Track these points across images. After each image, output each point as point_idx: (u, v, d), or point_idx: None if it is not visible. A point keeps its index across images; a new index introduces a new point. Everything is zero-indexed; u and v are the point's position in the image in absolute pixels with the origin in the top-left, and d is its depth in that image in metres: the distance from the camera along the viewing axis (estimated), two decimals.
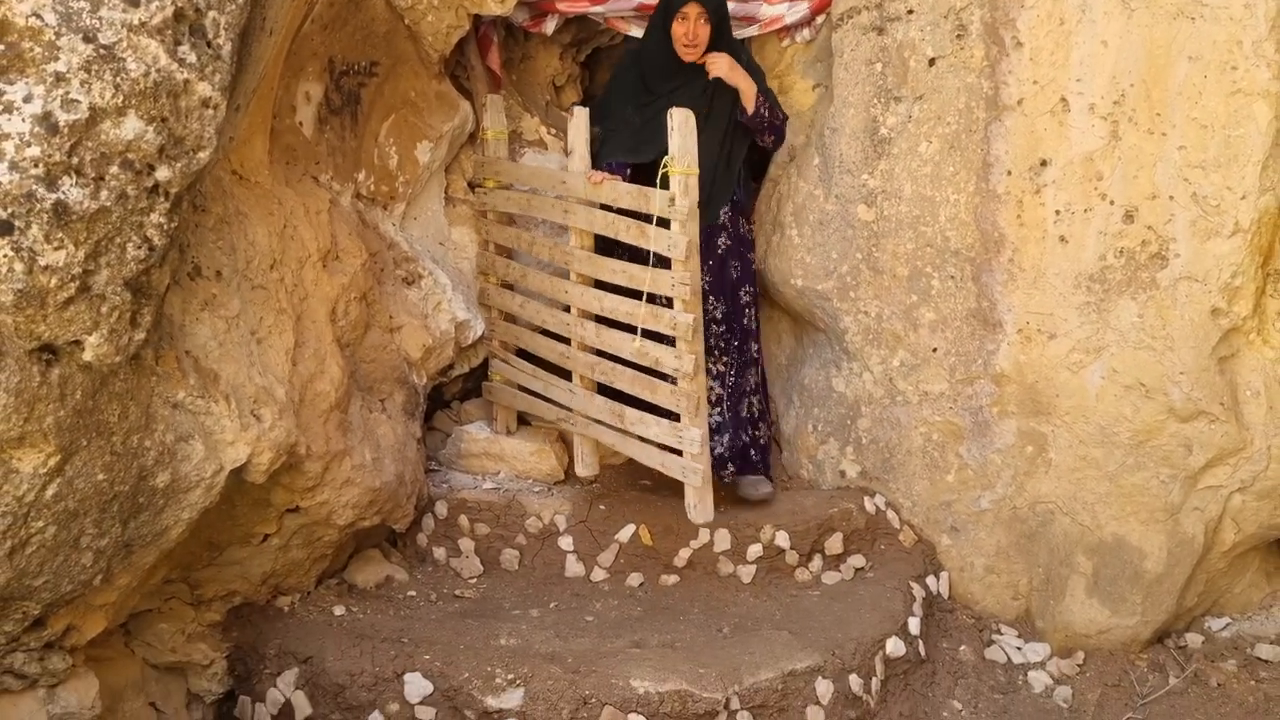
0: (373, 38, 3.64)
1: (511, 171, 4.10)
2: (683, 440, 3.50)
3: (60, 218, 2.00)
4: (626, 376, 3.66)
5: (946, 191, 3.92)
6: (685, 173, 3.36)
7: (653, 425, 3.58)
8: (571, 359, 3.87)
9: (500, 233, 4.15)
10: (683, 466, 3.53)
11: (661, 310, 3.52)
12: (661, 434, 3.56)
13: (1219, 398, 3.64)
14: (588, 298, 3.77)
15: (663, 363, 3.51)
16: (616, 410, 3.70)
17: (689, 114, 3.42)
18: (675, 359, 3.46)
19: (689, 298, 3.42)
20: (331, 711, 3.19)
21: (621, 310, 3.64)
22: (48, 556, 2.33)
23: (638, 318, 3.55)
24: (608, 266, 3.70)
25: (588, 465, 3.96)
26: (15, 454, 2.16)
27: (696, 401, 3.45)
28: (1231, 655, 3.79)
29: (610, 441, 3.80)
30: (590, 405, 3.82)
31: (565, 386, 3.91)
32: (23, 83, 1.96)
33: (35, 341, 2.09)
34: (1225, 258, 3.55)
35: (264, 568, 3.34)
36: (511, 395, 4.15)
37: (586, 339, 3.80)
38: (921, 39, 3.92)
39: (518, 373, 4.13)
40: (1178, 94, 3.55)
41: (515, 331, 4.16)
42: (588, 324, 3.79)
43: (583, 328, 3.80)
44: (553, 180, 3.90)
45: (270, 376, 2.89)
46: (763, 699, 3.20)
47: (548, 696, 3.10)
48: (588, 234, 3.77)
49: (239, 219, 2.87)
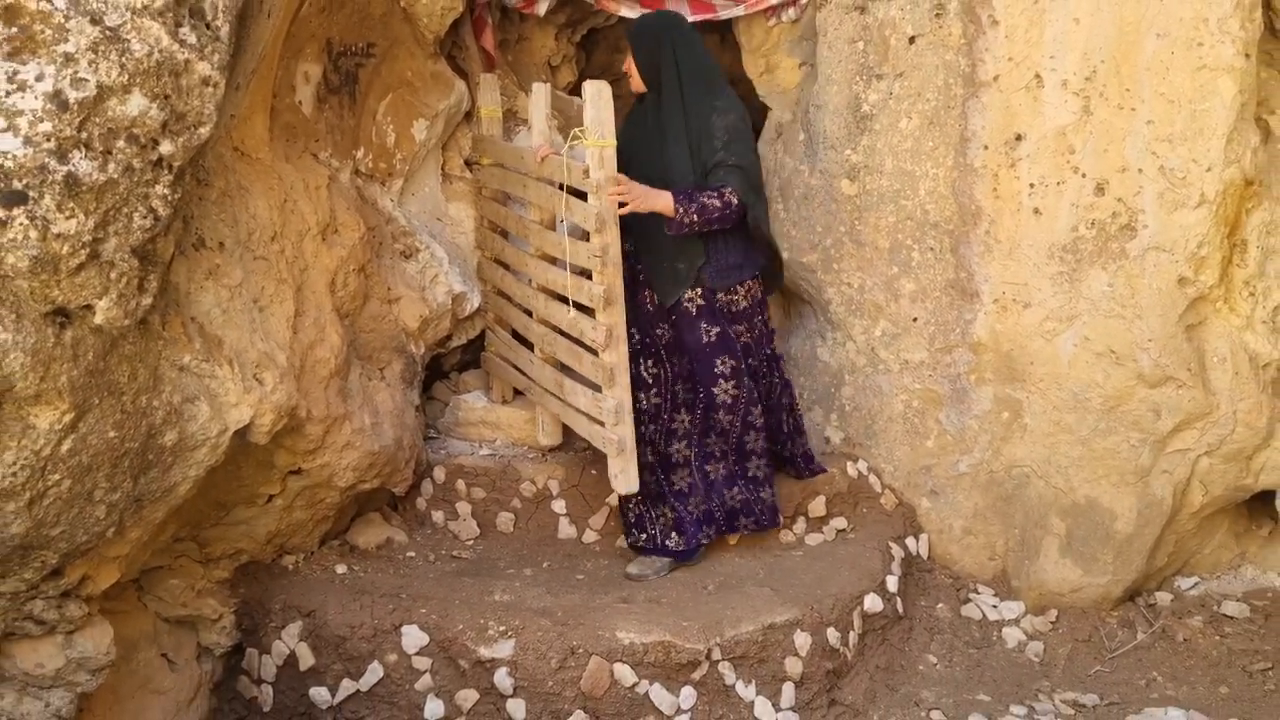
0: (369, 20, 3.78)
1: (494, 149, 4.23)
2: (603, 411, 3.56)
3: (71, 189, 2.15)
4: (563, 347, 3.77)
5: (926, 166, 4.04)
6: (600, 145, 3.37)
7: (582, 396, 3.68)
8: (530, 331, 4.00)
9: (492, 209, 4.29)
10: (604, 437, 3.58)
11: (582, 281, 3.58)
12: (588, 405, 3.65)
13: (1186, 364, 3.77)
14: (538, 270, 3.86)
15: (585, 334, 3.59)
16: (559, 380, 3.82)
17: (603, 85, 3.40)
18: (592, 330, 3.53)
19: (603, 269, 3.44)
20: (333, 662, 3.36)
21: (555, 282, 3.72)
22: (64, 508, 2.48)
23: (562, 287, 3.64)
24: (550, 239, 3.78)
25: (548, 434, 4.10)
26: (33, 411, 2.32)
27: (612, 371, 3.50)
28: (1199, 612, 3.94)
29: (556, 411, 3.92)
30: (543, 375, 3.94)
31: (528, 357, 4.04)
32: (35, 63, 2.11)
33: (50, 305, 2.25)
34: (1192, 228, 3.68)
35: (269, 527, 3.50)
36: (502, 367, 4.30)
37: (538, 311, 3.91)
38: (902, 18, 4.04)
39: (502, 345, 4.27)
40: (1146, 70, 3.67)
41: (500, 304, 4.29)
42: (540, 296, 3.89)
43: (537, 300, 3.91)
44: (518, 155, 3.99)
45: (272, 343, 3.04)
46: (743, 650, 3.36)
47: (537, 647, 3.27)
48: (545, 209, 3.83)
49: (241, 193, 3.02)
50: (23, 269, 2.15)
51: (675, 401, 3.81)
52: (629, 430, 3.55)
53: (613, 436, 3.54)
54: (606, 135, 3.39)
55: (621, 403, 3.53)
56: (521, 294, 4.06)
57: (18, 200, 2.10)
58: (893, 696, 3.56)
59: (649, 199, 3.48)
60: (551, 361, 3.93)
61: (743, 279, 3.77)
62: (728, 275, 3.73)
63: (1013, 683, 3.65)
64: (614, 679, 3.26)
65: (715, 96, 3.67)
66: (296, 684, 3.39)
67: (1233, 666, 3.68)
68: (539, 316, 3.93)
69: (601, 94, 3.37)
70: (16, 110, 2.09)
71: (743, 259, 3.76)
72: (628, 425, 3.55)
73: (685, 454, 3.78)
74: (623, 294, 3.52)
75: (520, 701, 3.24)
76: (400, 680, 3.31)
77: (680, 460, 3.78)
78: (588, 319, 3.57)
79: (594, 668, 3.26)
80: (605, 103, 3.36)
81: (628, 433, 3.55)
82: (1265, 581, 4.08)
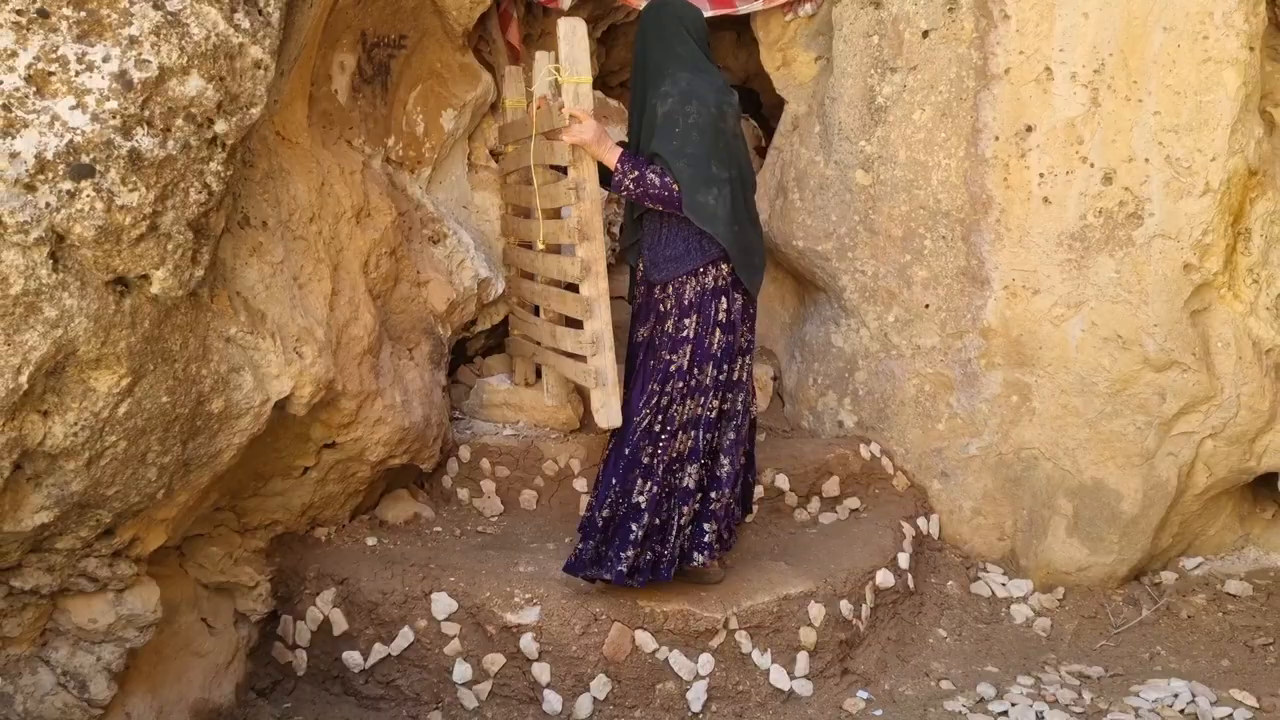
0: (402, 13, 3.92)
1: (515, 129, 4.34)
2: (582, 345, 3.51)
3: (134, 163, 2.30)
4: (554, 296, 3.81)
5: (938, 156, 4.17)
6: (576, 81, 3.32)
7: (568, 338, 3.68)
8: (534, 293, 4.09)
9: (513, 191, 4.41)
10: (583, 370, 3.52)
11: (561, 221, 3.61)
12: (572, 344, 3.64)
13: (1191, 349, 3.88)
14: (529, 229, 3.90)
15: (566, 271, 3.61)
16: (550, 329, 3.87)
17: (578, 22, 3.35)
18: (570, 265, 3.53)
19: (579, 202, 3.41)
20: (366, 627, 3.50)
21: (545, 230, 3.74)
22: (119, 469, 2.63)
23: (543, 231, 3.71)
24: (540, 192, 3.77)
25: (552, 395, 4.20)
26: (93, 374, 2.46)
27: (590, 304, 3.45)
28: (1202, 591, 4.05)
29: (552, 363, 3.98)
30: (539, 331, 4.01)
31: (534, 322, 4.12)
32: (102, 45, 2.26)
33: (111, 274, 2.39)
34: (1196, 216, 3.79)
35: (303, 499, 3.65)
36: (527, 347, 4.43)
37: (537, 270, 3.98)
38: (915, 12, 4.16)
39: (522, 323, 4.39)
40: (1153, 62, 3.79)
41: (520, 284, 4.42)
42: (541, 257, 3.91)
43: (539, 260, 3.95)
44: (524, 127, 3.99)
45: (310, 318, 3.18)
46: (759, 620, 3.49)
47: (561, 614, 3.40)
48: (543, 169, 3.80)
49: (282, 175, 3.16)
50: (89, 238, 2.30)
51: None
52: (608, 361, 3.44)
53: (590, 369, 3.45)
54: (581, 72, 3.33)
55: (599, 333, 3.43)
56: (530, 262, 4.16)
57: (86, 173, 2.24)
58: (904, 667, 3.68)
59: (599, 144, 3.32)
60: (554, 319, 3.99)
61: (677, 273, 3.40)
62: (662, 268, 3.42)
63: (1020, 655, 3.76)
64: (635, 645, 3.39)
65: (662, 82, 3.37)
66: (330, 648, 3.53)
67: (1234, 641, 3.79)
68: (541, 277, 4.01)
69: (575, 30, 3.31)
70: (85, 89, 2.23)
71: (682, 252, 3.40)
72: (606, 356, 3.43)
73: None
74: (601, 229, 3.46)
75: (545, 665, 3.37)
76: (430, 645, 3.44)
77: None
78: (565, 259, 3.58)
79: (616, 634, 3.39)
80: (580, 39, 3.30)
81: (606, 364, 3.44)
82: (1268, 562, 4.19)
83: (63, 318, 2.29)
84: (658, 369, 3.42)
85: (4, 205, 2.17)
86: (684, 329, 3.40)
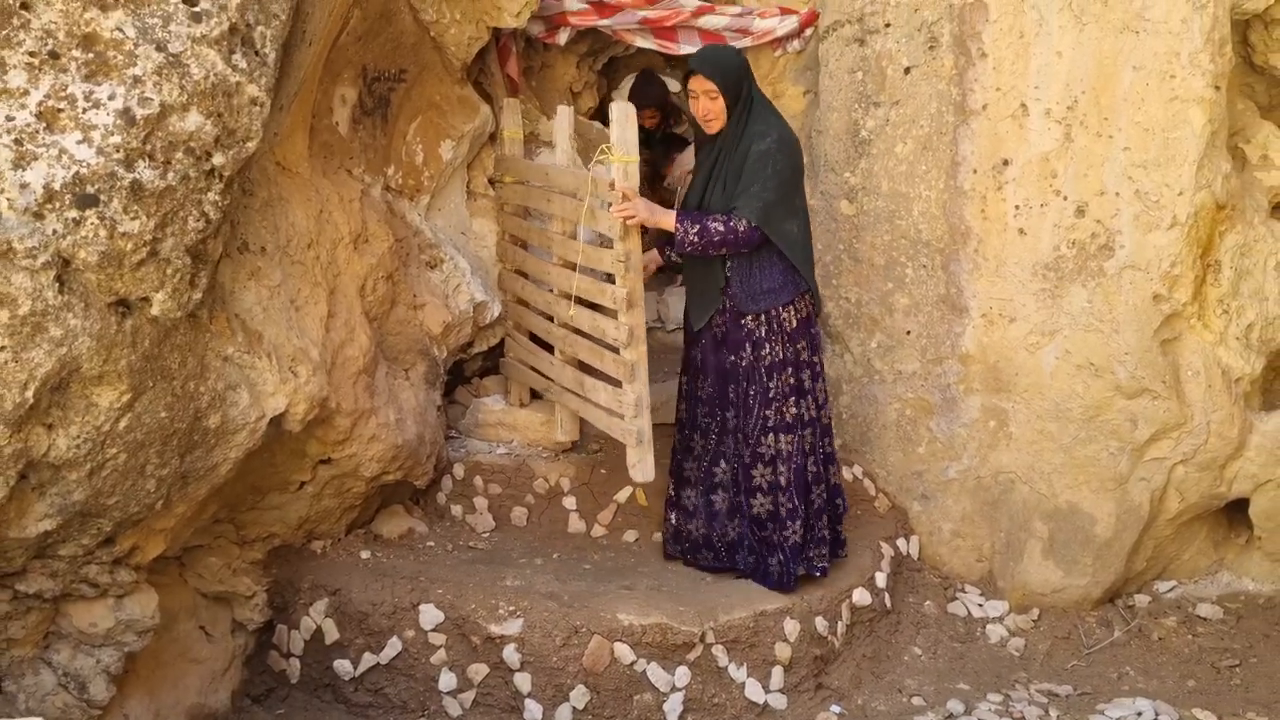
0: (402, 48, 4.10)
1: (523, 168, 4.54)
2: (623, 405, 3.78)
3: (136, 194, 2.46)
4: (585, 347, 4.03)
5: (919, 188, 4.30)
6: (623, 160, 3.62)
7: (602, 391, 3.93)
8: (551, 334, 4.28)
9: (514, 223, 4.59)
10: (623, 429, 3.80)
11: (605, 285, 3.83)
12: (609, 399, 3.89)
13: (1161, 376, 3.99)
14: (560, 278, 4.13)
15: (606, 333, 3.84)
16: (579, 378, 4.08)
17: (628, 107, 3.63)
18: (615, 329, 3.77)
19: (626, 273, 3.69)
20: (356, 636, 3.64)
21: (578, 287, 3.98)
22: (119, 480, 2.78)
23: (584, 292, 3.92)
24: (572, 247, 4.03)
25: (566, 431, 4.37)
26: (95, 390, 2.62)
27: (633, 368, 3.72)
28: (1174, 613, 4.14)
29: (576, 408, 4.18)
30: (563, 375, 4.21)
31: (548, 360, 4.31)
32: (108, 84, 2.43)
33: (113, 296, 2.55)
34: (1165, 248, 3.92)
35: (300, 513, 3.79)
36: (522, 371, 4.59)
37: (560, 315, 4.17)
38: (898, 50, 4.32)
39: (524, 351, 4.56)
40: (1123, 100, 3.92)
41: (524, 313, 4.58)
42: (561, 301, 4.15)
43: (559, 305, 4.17)
44: (542, 173, 4.29)
45: (306, 339, 3.34)
46: (735, 634, 3.61)
47: (543, 626, 3.53)
48: (569, 221, 4.10)
49: (281, 203, 3.33)
50: (92, 263, 2.46)
51: (694, 422, 3.93)
52: (647, 423, 3.76)
53: (631, 428, 3.75)
54: (630, 151, 3.65)
55: (641, 397, 3.73)
56: (543, 300, 4.34)
57: (90, 203, 2.41)
58: (877, 683, 3.79)
59: (653, 215, 3.62)
60: (572, 362, 4.19)
61: (778, 303, 3.72)
62: (759, 299, 3.72)
63: (992, 674, 3.87)
64: (614, 657, 3.51)
65: (754, 121, 3.67)
66: (322, 657, 3.67)
67: (1202, 663, 3.88)
68: (560, 320, 4.20)
69: (627, 115, 3.61)
70: (91, 124, 2.41)
71: (780, 284, 3.72)
72: (646, 418, 3.76)
73: (695, 474, 3.95)
74: (643, 297, 3.79)
75: (527, 675, 3.50)
76: (417, 654, 3.58)
77: (690, 478, 3.97)
78: (610, 320, 3.82)
79: (595, 646, 3.51)
80: (630, 123, 3.62)
81: (646, 425, 3.76)
82: (1240, 586, 4.28)
83: (67, 337, 2.46)
84: (784, 390, 3.76)
85: (14, 232, 2.33)
86: (796, 353, 3.77)
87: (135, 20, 2.45)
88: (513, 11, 4.23)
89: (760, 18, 4.62)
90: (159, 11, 2.48)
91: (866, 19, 4.37)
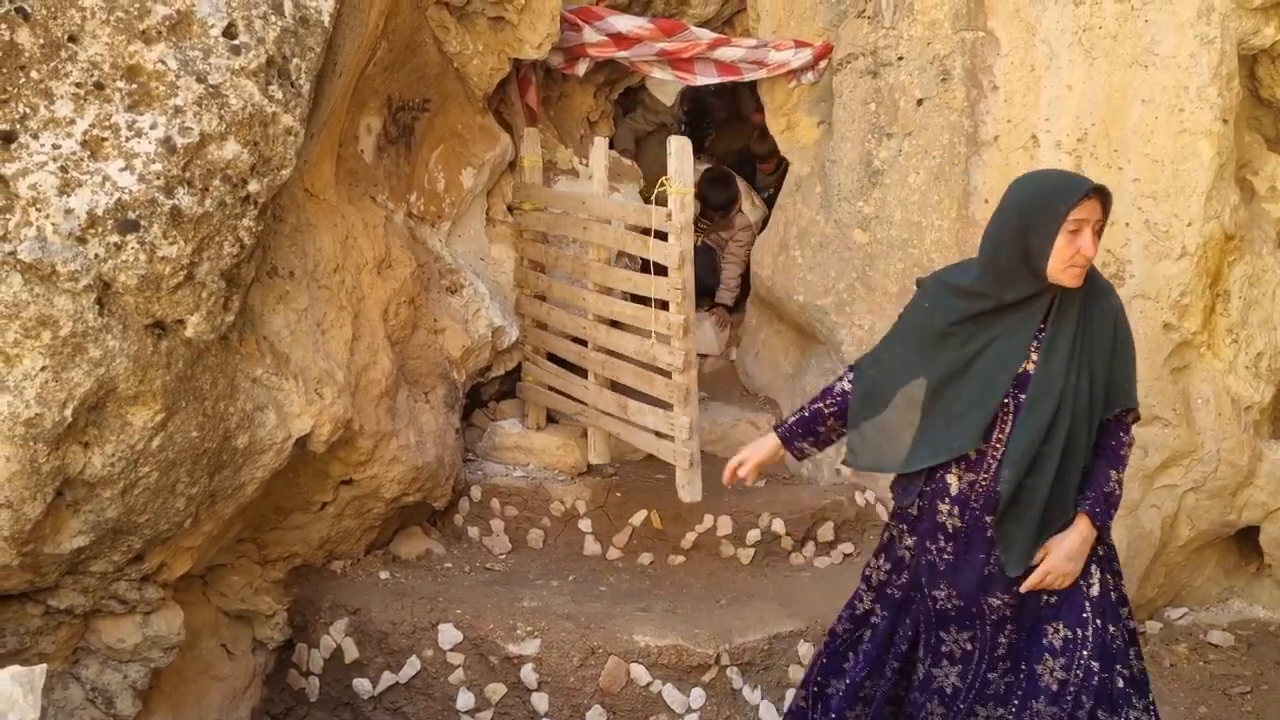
0: (426, 78, 4.20)
1: (543, 195, 4.63)
2: (674, 427, 3.92)
3: (175, 220, 2.54)
4: (630, 372, 4.13)
5: (932, 218, 4.37)
6: (681, 193, 3.78)
7: (649, 414, 4.04)
8: (587, 359, 4.37)
9: (534, 250, 4.67)
10: (673, 450, 3.95)
11: (659, 312, 3.93)
12: (657, 421, 4.01)
13: (1172, 404, 4.04)
14: (600, 303, 4.26)
15: (659, 359, 3.95)
16: (622, 402, 4.19)
17: (685, 141, 3.77)
18: (669, 355, 3.90)
19: (682, 301, 3.83)
20: (375, 655, 3.69)
21: (626, 313, 4.14)
22: (151, 498, 2.85)
23: (638, 318, 4.04)
24: (616, 275, 4.19)
25: (599, 454, 4.49)
26: (130, 410, 2.69)
27: (686, 392, 3.85)
28: (1185, 640, 4.16)
29: (616, 431, 4.29)
30: (600, 399, 4.31)
31: (581, 383, 4.41)
32: (150, 114, 2.52)
33: (150, 318, 2.63)
34: (1175, 278, 3.97)
35: (321, 533, 3.86)
36: (541, 394, 4.66)
37: (599, 340, 4.29)
38: (911, 82, 4.40)
39: (546, 374, 4.63)
40: (1133, 132, 3.99)
41: (544, 337, 4.66)
42: (600, 327, 4.29)
43: (596, 330, 4.30)
44: (575, 202, 4.41)
45: (331, 362, 3.41)
46: (750, 656, 3.65)
47: (561, 646, 3.58)
48: (602, 248, 4.28)
49: (309, 229, 3.42)
50: (131, 286, 2.54)
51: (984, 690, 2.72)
52: (698, 445, 3.92)
53: (685, 450, 3.89)
54: (687, 184, 3.82)
55: (694, 420, 3.90)
56: (576, 326, 4.45)
57: (131, 228, 2.49)
58: None
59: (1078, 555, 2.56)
60: (606, 384, 4.32)
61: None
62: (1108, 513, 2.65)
63: None
64: (630, 678, 3.55)
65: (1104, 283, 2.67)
66: (341, 675, 3.72)
67: (1213, 689, 3.90)
68: (598, 344, 4.31)
69: (685, 149, 3.79)
70: (133, 153, 2.49)
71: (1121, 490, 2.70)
72: (697, 441, 3.92)
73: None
74: (695, 322, 3.92)
75: (544, 695, 3.55)
76: (435, 673, 3.63)
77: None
78: (662, 346, 3.95)
79: (612, 667, 3.56)
80: (687, 156, 3.80)
81: (697, 447, 3.92)
82: (1251, 614, 4.30)
83: (105, 357, 2.53)
84: None
85: (58, 256, 2.42)
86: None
87: (177, 53, 2.54)
88: (534, 43, 4.33)
89: (775, 50, 4.70)
90: (200, 44, 2.57)
91: (880, 52, 4.46)
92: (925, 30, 4.32)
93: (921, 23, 4.33)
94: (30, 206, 2.38)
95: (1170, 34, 3.91)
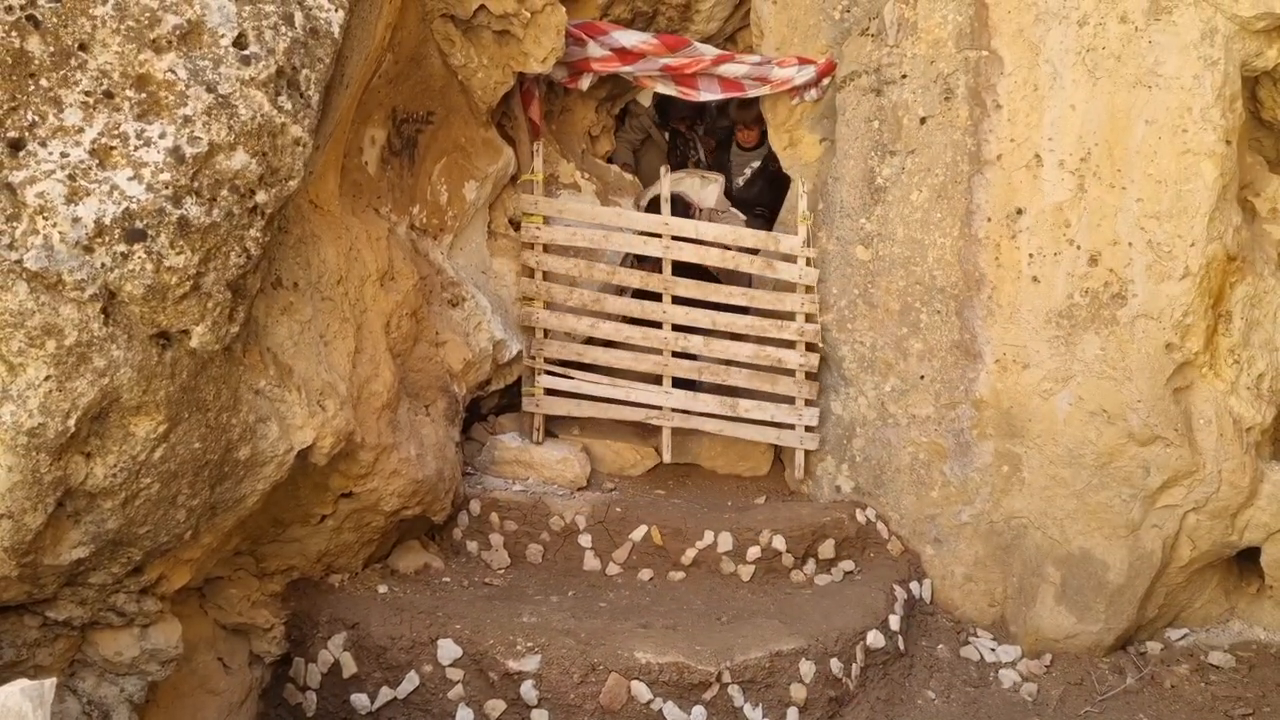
0: (430, 91, 4.19)
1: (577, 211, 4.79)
2: (803, 416, 4.70)
3: (182, 229, 2.53)
4: (743, 374, 4.64)
5: (934, 235, 4.38)
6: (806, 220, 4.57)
7: (770, 409, 4.62)
8: (667, 366, 4.72)
9: (559, 263, 4.75)
10: (799, 437, 4.72)
11: (787, 322, 4.55)
12: (779, 414, 4.70)
13: (1173, 424, 4.04)
14: (695, 315, 4.72)
15: (785, 361, 4.65)
16: (729, 402, 4.69)
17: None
18: (800, 358, 4.64)
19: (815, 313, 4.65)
20: (374, 670, 3.65)
21: (740, 324, 4.70)
22: (151, 509, 2.82)
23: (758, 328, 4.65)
24: (720, 291, 4.69)
25: (670, 453, 4.81)
26: (134, 420, 2.67)
27: (813, 389, 4.66)
28: (1186, 661, 4.15)
29: (716, 428, 4.73)
30: (694, 402, 4.72)
31: (656, 390, 4.76)
32: (159, 123, 2.50)
33: (155, 328, 2.61)
34: (1177, 298, 3.98)
35: (319, 546, 3.82)
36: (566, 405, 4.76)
37: (691, 348, 4.72)
38: (914, 100, 4.41)
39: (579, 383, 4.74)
40: (1136, 153, 4.00)
41: (575, 348, 4.80)
42: (693, 338, 4.72)
43: (686, 340, 4.72)
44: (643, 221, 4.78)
45: (334, 374, 3.39)
46: (751, 674, 3.62)
47: (561, 662, 3.55)
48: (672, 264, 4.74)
49: (314, 240, 3.40)
50: (137, 296, 2.52)
51: None
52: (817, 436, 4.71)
53: (813, 436, 4.71)
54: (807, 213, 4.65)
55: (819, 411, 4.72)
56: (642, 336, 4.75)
57: (138, 237, 2.47)
58: None
59: None
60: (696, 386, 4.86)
61: None
62: None
63: (1006, 719, 3.87)
64: (631, 695, 3.53)
65: None
66: (339, 690, 3.68)
67: (1215, 711, 3.89)
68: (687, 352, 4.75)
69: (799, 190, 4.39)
70: (142, 162, 2.47)
71: None
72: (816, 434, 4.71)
73: None
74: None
75: (544, 712, 3.52)
76: (434, 689, 3.60)
77: None
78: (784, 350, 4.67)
79: (612, 684, 3.53)
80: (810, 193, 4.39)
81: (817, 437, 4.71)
82: (1251, 635, 4.29)
83: (110, 367, 2.51)
84: None
85: (64, 265, 2.39)
86: None
87: (187, 62, 2.53)
88: (539, 57, 4.33)
89: (779, 66, 4.71)
90: (210, 54, 2.56)
91: (883, 70, 4.47)
92: (929, 49, 4.34)
93: (925, 41, 4.34)
94: (37, 215, 2.37)
95: (1174, 55, 3.93)
